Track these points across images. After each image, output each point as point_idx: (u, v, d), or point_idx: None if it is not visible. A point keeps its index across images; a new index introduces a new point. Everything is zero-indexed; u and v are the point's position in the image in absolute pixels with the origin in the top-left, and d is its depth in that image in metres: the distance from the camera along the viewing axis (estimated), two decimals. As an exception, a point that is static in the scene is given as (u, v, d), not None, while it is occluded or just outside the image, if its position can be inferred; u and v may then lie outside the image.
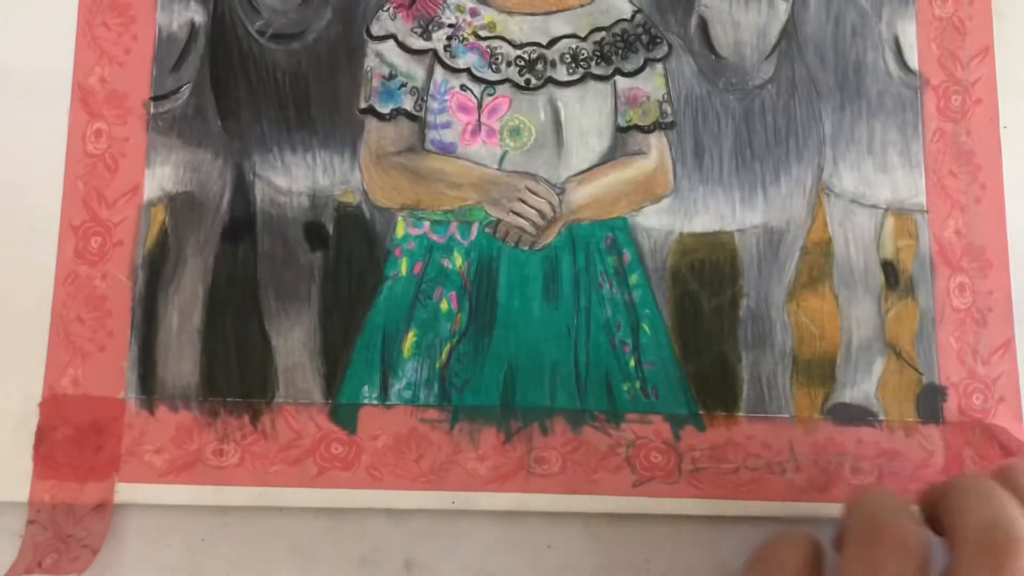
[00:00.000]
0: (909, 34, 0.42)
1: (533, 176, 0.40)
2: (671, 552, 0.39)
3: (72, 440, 0.36)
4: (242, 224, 0.39)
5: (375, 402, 0.38)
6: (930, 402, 0.40)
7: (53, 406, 0.37)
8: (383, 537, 0.38)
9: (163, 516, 0.37)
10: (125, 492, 0.36)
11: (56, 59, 0.39)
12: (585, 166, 0.40)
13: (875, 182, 0.41)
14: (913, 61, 0.42)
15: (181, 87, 0.40)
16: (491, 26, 0.41)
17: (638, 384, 0.39)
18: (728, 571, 0.39)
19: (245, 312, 0.38)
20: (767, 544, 0.34)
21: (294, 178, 0.39)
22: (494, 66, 0.40)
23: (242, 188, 0.39)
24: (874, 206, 0.41)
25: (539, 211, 0.39)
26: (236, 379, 0.38)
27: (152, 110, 0.39)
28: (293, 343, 0.38)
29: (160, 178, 0.39)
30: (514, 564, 0.38)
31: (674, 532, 0.39)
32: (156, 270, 0.38)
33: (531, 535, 0.38)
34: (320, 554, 0.37)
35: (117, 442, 0.37)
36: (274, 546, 0.37)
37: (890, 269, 0.40)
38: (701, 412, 0.39)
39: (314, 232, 0.39)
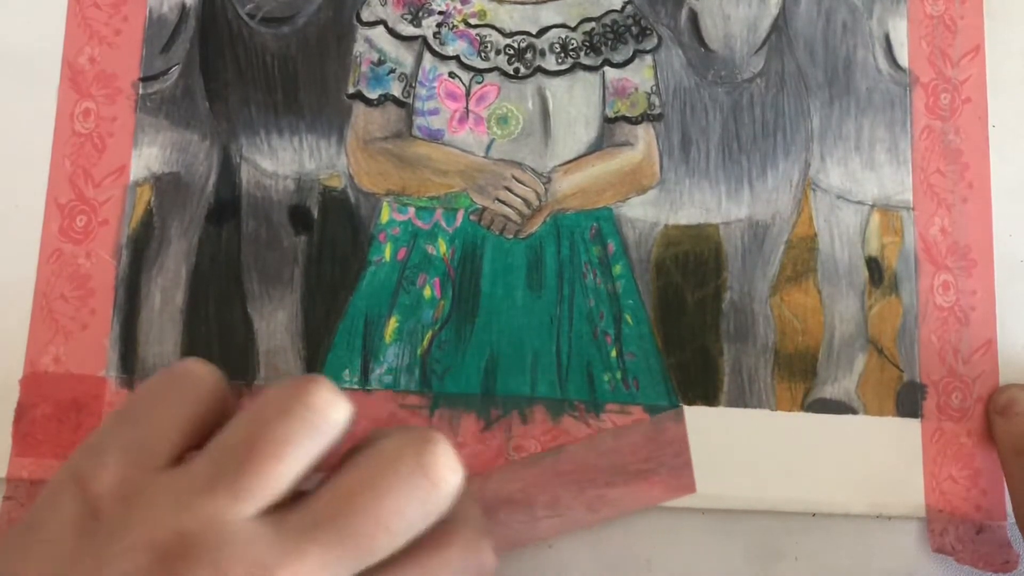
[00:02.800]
0: (900, 31, 0.40)
1: (519, 164, 0.39)
2: (672, 552, 0.38)
3: (52, 417, 0.35)
4: (227, 206, 0.38)
5: (355, 386, 0.37)
6: (909, 400, 0.39)
7: (34, 383, 0.36)
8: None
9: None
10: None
11: (46, 38, 0.38)
12: (572, 156, 0.39)
13: (862, 178, 0.40)
14: (903, 58, 0.40)
15: (170, 68, 0.38)
16: (481, 14, 0.39)
17: (619, 375, 0.38)
18: (730, 570, 0.38)
19: (228, 294, 0.37)
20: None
21: (280, 161, 0.38)
22: (483, 54, 0.39)
23: (228, 170, 0.38)
24: (860, 202, 0.39)
25: (525, 200, 0.38)
26: (217, 360, 0.36)
27: (141, 90, 0.38)
28: (275, 326, 0.37)
29: (147, 158, 0.38)
30: (514, 564, 0.37)
31: (675, 531, 0.37)
32: (140, 250, 0.37)
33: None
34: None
35: (97, 420, 0.35)
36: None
37: (874, 266, 0.39)
38: (682, 404, 0.38)
39: (299, 215, 0.38)
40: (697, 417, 0.38)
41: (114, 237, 0.37)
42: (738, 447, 0.38)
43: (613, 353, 0.38)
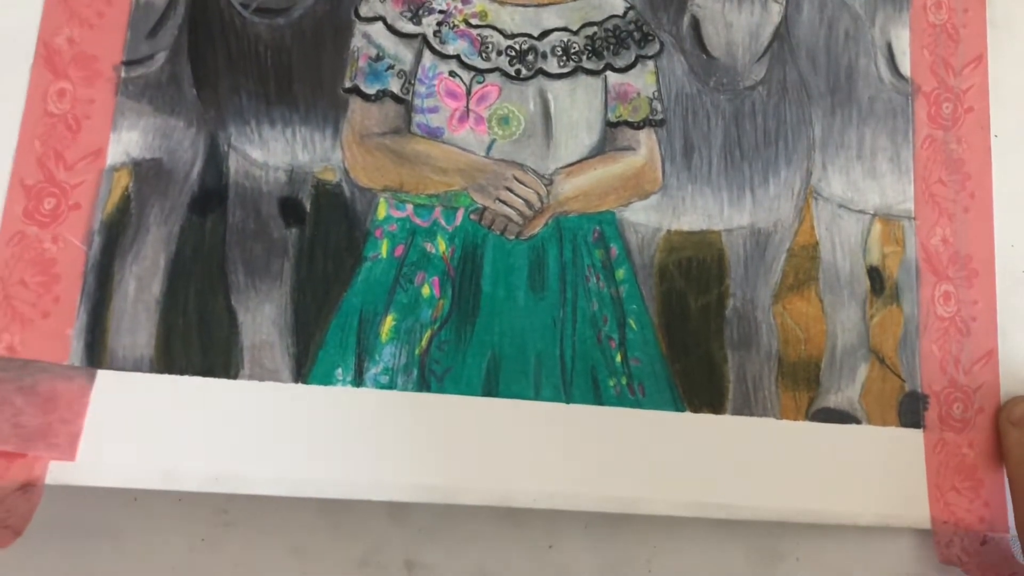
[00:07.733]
0: (902, 40, 0.38)
1: (521, 165, 0.35)
2: (671, 553, 0.33)
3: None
4: (212, 195, 0.33)
5: (348, 386, 0.31)
6: (911, 410, 0.35)
7: (-16, 376, 0.29)
8: (384, 537, 0.33)
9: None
10: (58, 471, 0.29)
11: (22, 16, 0.33)
12: (574, 159, 0.35)
13: (863, 187, 0.37)
14: (905, 67, 0.38)
15: (156, 54, 0.34)
16: (483, 15, 0.36)
17: (624, 380, 0.33)
18: (728, 573, 0.33)
19: (210, 285, 0.32)
20: None
21: (271, 152, 0.33)
22: (484, 54, 0.36)
23: (215, 158, 0.33)
24: (862, 211, 0.37)
25: (526, 200, 0.34)
26: (196, 354, 0.31)
27: (123, 74, 0.33)
28: (262, 320, 0.32)
29: (126, 143, 0.32)
30: (515, 564, 0.33)
31: (674, 533, 0.33)
32: (114, 236, 0.32)
33: (532, 535, 0.34)
34: (321, 554, 0.32)
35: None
36: (274, 546, 0.32)
37: (876, 275, 0.36)
38: (688, 411, 0.33)
39: (290, 207, 0.33)
40: (704, 425, 0.33)
41: (86, 222, 0.31)
42: (745, 456, 0.33)
43: (618, 358, 0.34)
